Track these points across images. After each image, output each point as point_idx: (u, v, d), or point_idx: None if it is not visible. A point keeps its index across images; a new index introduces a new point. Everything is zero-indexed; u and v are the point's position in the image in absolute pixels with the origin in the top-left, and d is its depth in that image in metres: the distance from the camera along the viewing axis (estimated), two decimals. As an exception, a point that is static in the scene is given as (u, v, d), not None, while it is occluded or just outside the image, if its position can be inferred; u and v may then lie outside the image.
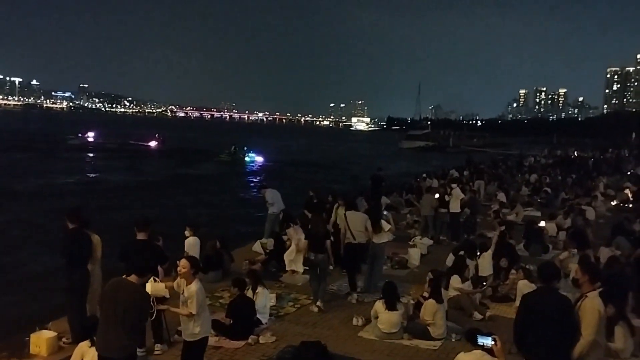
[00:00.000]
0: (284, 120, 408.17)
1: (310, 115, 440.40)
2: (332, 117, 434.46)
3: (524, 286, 9.24)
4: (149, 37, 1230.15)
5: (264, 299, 8.28)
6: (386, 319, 7.92)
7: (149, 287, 5.75)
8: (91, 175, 37.62)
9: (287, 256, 11.06)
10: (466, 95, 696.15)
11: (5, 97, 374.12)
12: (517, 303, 9.23)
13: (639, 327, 8.42)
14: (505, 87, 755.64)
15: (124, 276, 5.19)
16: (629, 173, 36.40)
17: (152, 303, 5.91)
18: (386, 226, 10.26)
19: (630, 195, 22.87)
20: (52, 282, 7.30)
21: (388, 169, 32.33)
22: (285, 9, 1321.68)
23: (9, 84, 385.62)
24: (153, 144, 66.69)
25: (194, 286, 5.71)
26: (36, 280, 12.77)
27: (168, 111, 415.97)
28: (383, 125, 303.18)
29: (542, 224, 15.23)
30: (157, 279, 6.02)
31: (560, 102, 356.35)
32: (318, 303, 9.17)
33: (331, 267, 10.33)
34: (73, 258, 7.20)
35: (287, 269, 11.02)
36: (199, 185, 34.44)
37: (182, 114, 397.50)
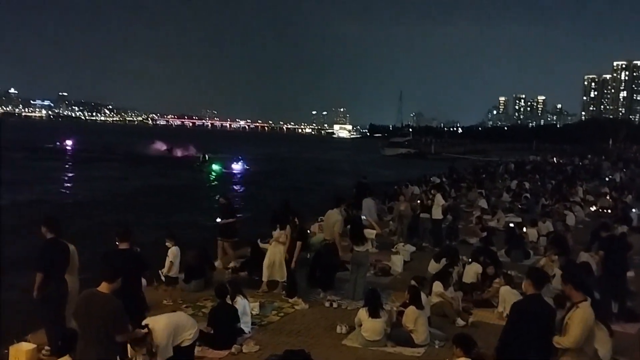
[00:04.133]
0: (266, 128, 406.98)
1: (292, 123, 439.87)
2: (314, 124, 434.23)
3: (506, 292, 9.33)
4: (129, 45, 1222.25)
5: (242, 309, 8.19)
6: (370, 326, 7.92)
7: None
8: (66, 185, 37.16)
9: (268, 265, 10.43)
10: (447, 103, 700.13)
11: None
12: (500, 309, 9.36)
13: (620, 331, 8.56)
14: (485, 95, 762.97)
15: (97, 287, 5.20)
16: (607, 179, 36.95)
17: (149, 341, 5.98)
18: (371, 233, 10.20)
19: (611, 201, 23.20)
20: (30, 293, 7.10)
21: (371, 177, 32.45)
22: (267, 17, 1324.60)
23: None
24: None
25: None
26: (13, 291, 12.50)
27: (149, 119, 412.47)
28: (365, 132, 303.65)
29: (523, 229, 15.38)
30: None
31: (539, 109, 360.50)
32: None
33: None
34: (50, 268, 6.97)
35: (265, 279, 10.40)
36: (178, 194, 34.17)
37: (164, 122, 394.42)
